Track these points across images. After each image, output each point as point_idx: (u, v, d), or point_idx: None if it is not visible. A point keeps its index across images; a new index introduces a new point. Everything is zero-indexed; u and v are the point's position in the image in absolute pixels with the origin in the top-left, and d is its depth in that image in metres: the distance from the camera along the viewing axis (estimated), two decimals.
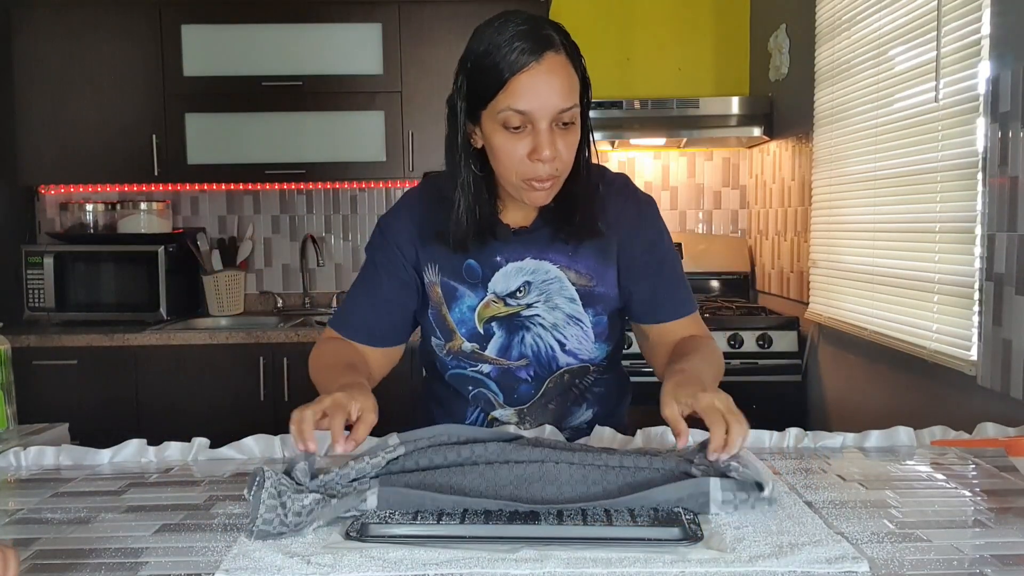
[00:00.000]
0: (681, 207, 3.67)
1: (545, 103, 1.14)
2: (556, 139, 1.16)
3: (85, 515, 1.03)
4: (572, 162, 1.21)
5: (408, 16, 3.17)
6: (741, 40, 3.64)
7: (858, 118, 2.49)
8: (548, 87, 1.13)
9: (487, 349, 1.34)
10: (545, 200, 1.23)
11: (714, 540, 0.89)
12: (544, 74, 1.13)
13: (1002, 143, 1.74)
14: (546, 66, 1.13)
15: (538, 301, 1.31)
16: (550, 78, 1.13)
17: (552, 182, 1.20)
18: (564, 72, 1.15)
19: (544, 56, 1.13)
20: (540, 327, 1.32)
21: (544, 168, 1.17)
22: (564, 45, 1.16)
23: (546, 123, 1.15)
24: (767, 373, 2.95)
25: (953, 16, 1.94)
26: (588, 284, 1.32)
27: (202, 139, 3.24)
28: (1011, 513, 0.99)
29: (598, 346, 1.37)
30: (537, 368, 1.35)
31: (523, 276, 1.30)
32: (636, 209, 1.35)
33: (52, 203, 3.54)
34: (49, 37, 3.20)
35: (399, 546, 0.88)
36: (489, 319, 1.32)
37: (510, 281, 1.30)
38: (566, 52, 1.16)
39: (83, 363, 2.97)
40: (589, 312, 1.33)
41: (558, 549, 0.86)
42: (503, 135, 1.17)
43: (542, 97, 1.13)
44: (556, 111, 1.14)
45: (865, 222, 2.45)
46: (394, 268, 1.34)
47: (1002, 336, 1.74)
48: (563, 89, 1.14)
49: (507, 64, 1.13)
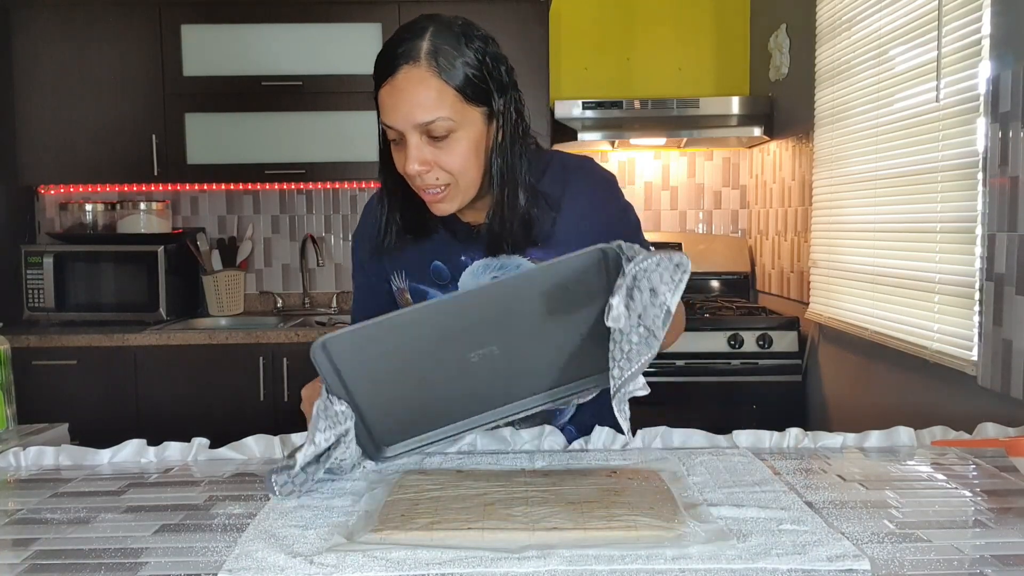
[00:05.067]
0: (681, 207, 3.67)
1: (404, 117, 1.13)
2: (426, 151, 1.15)
3: (85, 515, 1.02)
4: (466, 169, 1.18)
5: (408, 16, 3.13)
6: (741, 40, 3.64)
7: (858, 118, 2.49)
8: (405, 102, 1.12)
9: None
10: (446, 209, 1.22)
11: (716, 538, 0.89)
12: (399, 90, 1.12)
13: (1002, 143, 1.74)
14: (401, 81, 1.12)
15: None
16: (405, 94, 1.12)
17: (442, 192, 1.19)
18: (423, 85, 1.12)
19: (399, 70, 1.12)
20: None
21: (421, 179, 1.17)
22: (434, 54, 1.13)
23: (414, 137, 1.14)
24: (767, 373, 2.95)
25: (953, 16, 1.94)
26: None
27: (202, 139, 3.24)
28: (1011, 513, 0.99)
29: None
30: None
31: (491, 271, 1.30)
32: (600, 189, 1.34)
33: (52, 203, 3.55)
34: (49, 37, 3.20)
35: (401, 547, 0.88)
36: None
37: (479, 277, 1.30)
38: (436, 63, 1.13)
39: (83, 363, 2.97)
40: None
41: (561, 548, 0.86)
42: (392, 147, 1.20)
43: (400, 112, 1.13)
44: (414, 124, 1.13)
45: (865, 222, 2.45)
46: (372, 285, 1.38)
47: (1002, 336, 1.74)
48: (422, 103, 1.12)
49: (376, 78, 1.15)
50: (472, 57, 1.15)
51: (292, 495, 1.05)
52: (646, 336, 1.00)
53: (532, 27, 3.20)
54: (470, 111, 1.16)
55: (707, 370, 2.93)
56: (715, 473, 1.12)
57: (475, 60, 1.16)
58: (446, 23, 1.16)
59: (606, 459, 1.20)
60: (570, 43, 3.59)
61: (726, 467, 1.15)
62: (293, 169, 3.25)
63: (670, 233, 3.59)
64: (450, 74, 1.13)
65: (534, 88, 3.22)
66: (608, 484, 1.05)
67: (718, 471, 1.13)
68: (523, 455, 1.23)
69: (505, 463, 1.18)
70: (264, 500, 1.05)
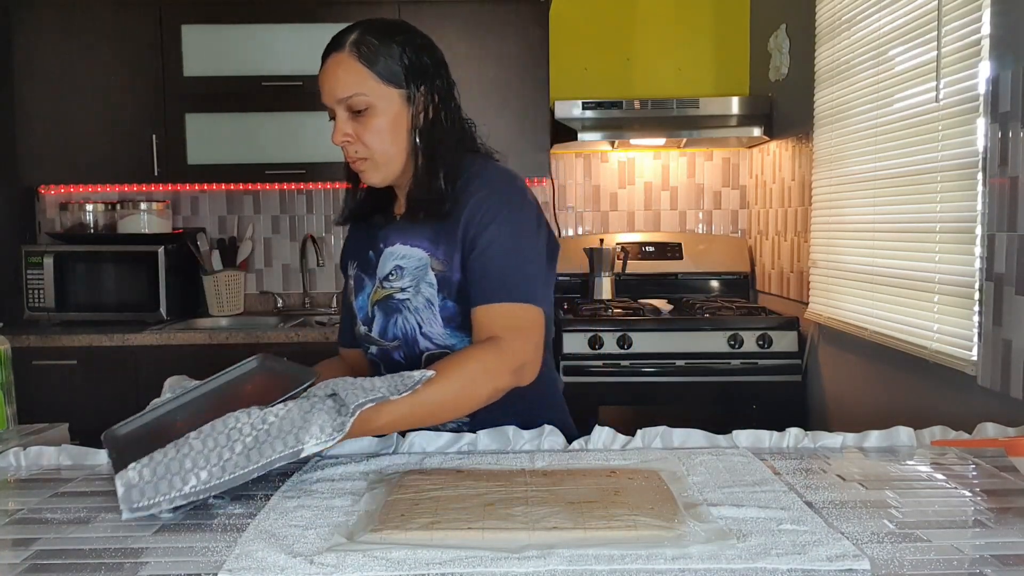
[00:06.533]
0: (681, 207, 3.67)
1: (329, 93, 1.34)
2: (348, 125, 1.34)
3: (85, 515, 1.03)
4: (384, 145, 1.35)
5: (408, 16, 3.17)
6: (741, 40, 3.64)
7: (858, 118, 2.49)
8: (329, 80, 1.34)
9: (373, 331, 1.46)
10: (372, 180, 1.39)
11: (716, 538, 0.89)
12: (326, 72, 1.34)
13: (1002, 143, 1.74)
14: (329, 65, 1.34)
15: (410, 286, 1.40)
16: (329, 74, 1.34)
17: (363, 163, 1.36)
18: (343, 67, 1.32)
19: (329, 58, 1.34)
20: (407, 310, 1.41)
21: (346, 151, 1.36)
22: (356, 44, 1.32)
23: (340, 111, 1.34)
24: (767, 373, 2.95)
25: (953, 16, 1.94)
26: (443, 270, 1.37)
27: (202, 139, 3.24)
28: (1011, 513, 0.99)
29: (451, 332, 1.38)
30: (406, 349, 1.42)
31: (394, 260, 1.41)
32: (486, 194, 1.36)
33: (52, 203, 3.55)
34: (49, 37, 3.20)
35: (401, 546, 0.88)
36: (375, 303, 1.45)
37: (386, 265, 1.42)
38: (357, 50, 1.32)
39: (83, 363, 2.97)
40: (439, 297, 1.37)
41: (560, 548, 0.86)
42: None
43: (326, 89, 1.34)
44: (336, 99, 1.33)
45: (865, 222, 2.45)
46: (346, 290, 1.56)
47: (1002, 336, 1.74)
48: (342, 81, 1.32)
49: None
50: (393, 47, 1.34)
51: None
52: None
53: (532, 27, 3.20)
54: (387, 91, 1.33)
55: (707, 370, 2.94)
56: (715, 473, 1.12)
57: (396, 50, 1.34)
58: (377, 22, 1.36)
59: (606, 459, 1.20)
60: (570, 43, 3.59)
61: (726, 467, 1.15)
62: (293, 169, 3.25)
63: (670, 233, 3.59)
64: (369, 59, 1.32)
65: (534, 88, 3.22)
66: (608, 484, 1.05)
67: (718, 471, 1.13)
68: (523, 455, 1.23)
69: (505, 463, 1.19)
70: (264, 500, 1.06)
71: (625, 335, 2.95)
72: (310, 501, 1.04)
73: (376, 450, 1.28)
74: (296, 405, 1.10)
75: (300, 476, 1.14)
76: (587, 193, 3.66)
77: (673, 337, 2.97)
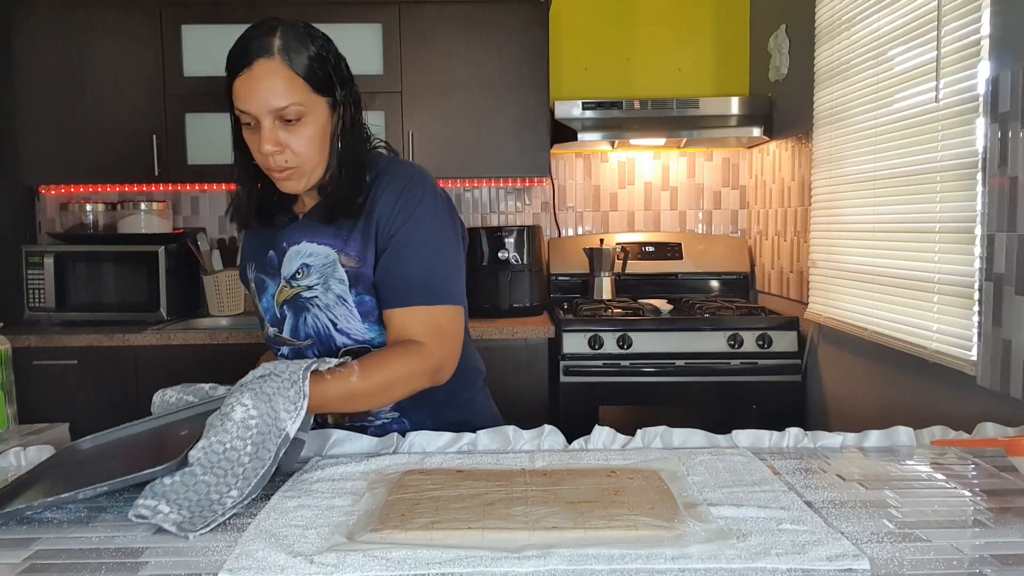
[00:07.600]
0: (681, 207, 3.67)
1: (261, 103, 1.27)
2: (279, 134, 1.29)
3: (85, 515, 1.03)
4: (312, 153, 1.32)
5: (408, 16, 3.17)
6: (741, 40, 3.65)
7: (858, 118, 2.49)
8: (261, 89, 1.27)
9: (283, 332, 1.46)
10: (294, 189, 1.36)
11: (715, 538, 0.89)
12: (256, 79, 1.27)
13: (1002, 143, 1.74)
14: (258, 71, 1.27)
15: (317, 284, 1.40)
16: (262, 83, 1.27)
17: (289, 172, 1.32)
18: (277, 75, 1.27)
19: (256, 63, 1.27)
20: (317, 308, 1.41)
21: (273, 160, 1.30)
22: (285, 49, 1.28)
23: (268, 120, 1.28)
24: (767, 373, 2.95)
25: (953, 16, 1.94)
26: (355, 266, 1.37)
27: (202, 139, 3.24)
28: (1011, 513, 0.99)
29: (369, 327, 1.40)
30: (319, 347, 1.43)
31: (301, 259, 1.40)
32: (398, 191, 1.38)
33: (52, 203, 3.55)
34: (49, 37, 3.20)
35: (401, 546, 0.88)
36: (282, 303, 1.44)
37: (291, 264, 1.41)
38: (287, 57, 1.28)
39: (83, 363, 2.97)
40: (353, 292, 1.38)
41: (560, 547, 0.86)
42: (244, 130, 1.33)
43: (257, 98, 1.27)
44: (270, 110, 1.28)
45: (865, 222, 2.45)
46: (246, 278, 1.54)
47: (1002, 336, 1.74)
48: (277, 90, 1.27)
49: (230, 69, 1.30)
50: (316, 52, 1.31)
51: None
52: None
53: (532, 27, 3.20)
54: (317, 100, 1.31)
55: (707, 370, 2.94)
56: (715, 473, 1.12)
57: (319, 55, 1.31)
58: (291, 24, 1.33)
59: (606, 459, 1.20)
60: (570, 43, 3.60)
61: (726, 467, 1.15)
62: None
63: (670, 233, 3.59)
64: (299, 66, 1.29)
65: (534, 88, 3.22)
66: (608, 484, 1.06)
67: (718, 471, 1.13)
68: (523, 455, 1.23)
69: (505, 463, 1.19)
70: (264, 500, 1.06)
71: (625, 335, 2.95)
72: (310, 501, 1.04)
73: (376, 450, 1.28)
74: (254, 399, 1.10)
75: (300, 476, 1.15)
76: (587, 193, 3.66)
77: (673, 337, 2.97)
